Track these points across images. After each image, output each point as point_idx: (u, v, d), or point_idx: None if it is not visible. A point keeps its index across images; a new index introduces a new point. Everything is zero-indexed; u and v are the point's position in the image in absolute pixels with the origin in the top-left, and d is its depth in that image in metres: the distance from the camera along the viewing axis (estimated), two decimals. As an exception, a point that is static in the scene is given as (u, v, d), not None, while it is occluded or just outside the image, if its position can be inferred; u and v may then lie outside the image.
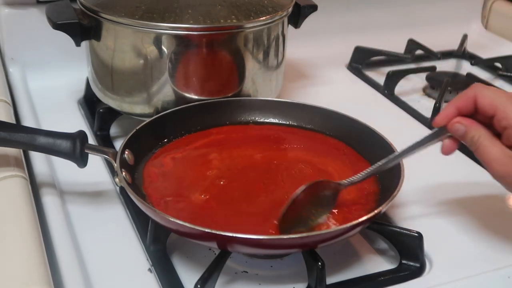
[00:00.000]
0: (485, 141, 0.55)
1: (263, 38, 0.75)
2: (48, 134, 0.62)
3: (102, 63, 0.76)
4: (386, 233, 0.61)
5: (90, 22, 0.74)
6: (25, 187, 0.61)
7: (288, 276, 0.58)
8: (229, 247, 0.54)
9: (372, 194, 0.61)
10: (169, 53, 0.71)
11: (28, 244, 0.52)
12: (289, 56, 0.85)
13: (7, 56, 0.91)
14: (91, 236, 0.62)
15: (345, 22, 1.11)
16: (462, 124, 0.57)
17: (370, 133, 0.68)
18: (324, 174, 0.65)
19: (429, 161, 0.70)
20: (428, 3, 1.17)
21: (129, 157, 0.63)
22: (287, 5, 0.78)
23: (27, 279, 0.48)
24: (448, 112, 0.58)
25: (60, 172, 0.70)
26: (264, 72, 0.77)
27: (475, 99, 0.56)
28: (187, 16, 0.72)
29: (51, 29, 0.74)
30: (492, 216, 0.67)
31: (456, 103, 0.58)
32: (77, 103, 0.88)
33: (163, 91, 0.73)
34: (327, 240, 0.54)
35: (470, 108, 0.57)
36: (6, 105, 0.76)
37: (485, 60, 1.07)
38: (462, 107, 0.57)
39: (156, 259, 0.58)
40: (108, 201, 0.68)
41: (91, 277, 0.56)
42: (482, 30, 1.22)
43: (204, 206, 0.60)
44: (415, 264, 0.59)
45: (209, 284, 0.53)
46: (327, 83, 0.98)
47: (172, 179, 0.64)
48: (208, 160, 0.67)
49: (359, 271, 0.59)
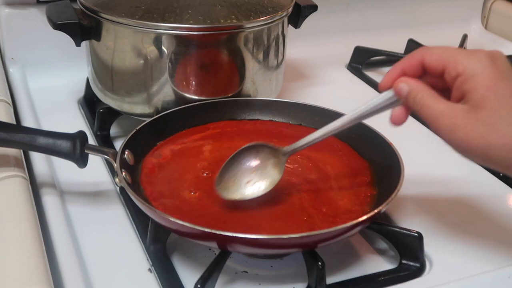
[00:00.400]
0: (430, 99, 0.52)
1: (263, 38, 0.75)
2: (48, 134, 0.62)
3: (102, 63, 0.76)
4: (386, 233, 0.61)
5: (90, 22, 0.74)
6: (25, 187, 0.61)
7: (288, 276, 0.58)
8: (229, 247, 0.54)
9: (369, 197, 0.61)
10: (169, 53, 0.71)
11: (28, 244, 0.52)
12: (289, 56, 0.85)
13: (7, 56, 0.91)
14: (91, 236, 0.62)
15: (345, 22, 1.11)
16: (406, 83, 0.54)
17: (370, 132, 0.68)
18: (318, 168, 0.65)
19: (429, 161, 0.70)
20: (428, 3, 1.17)
21: (129, 157, 0.63)
22: (287, 5, 0.78)
23: (27, 279, 0.48)
24: (393, 74, 0.55)
25: (60, 172, 0.71)
26: (264, 72, 0.78)
27: (422, 60, 0.53)
28: (187, 16, 0.72)
29: (51, 29, 0.74)
30: (492, 216, 0.67)
31: (401, 64, 0.55)
32: (77, 103, 0.88)
33: (163, 91, 0.73)
34: (327, 240, 0.54)
35: (416, 69, 0.54)
36: (6, 105, 0.76)
37: (485, 60, 1.06)
38: (407, 68, 0.54)
39: (156, 259, 0.59)
40: (108, 201, 0.68)
41: (91, 277, 0.56)
42: (482, 30, 1.22)
43: (196, 202, 0.60)
44: (415, 264, 0.59)
45: (209, 284, 0.53)
46: (327, 83, 0.98)
47: (166, 173, 0.64)
48: (201, 152, 0.68)
49: (359, 271, 0.59)
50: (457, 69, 0.51)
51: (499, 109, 0.49)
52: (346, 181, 0.64)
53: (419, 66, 0.54)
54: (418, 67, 0.54)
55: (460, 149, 0.51)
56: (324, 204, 0.60)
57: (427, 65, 0.53)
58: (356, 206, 0.60)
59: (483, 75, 0.50)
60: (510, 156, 0.49)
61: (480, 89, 0.49)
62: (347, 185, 0.63)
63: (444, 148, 0.53)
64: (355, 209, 0.60)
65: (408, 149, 0.65)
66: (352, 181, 0.64)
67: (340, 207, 0.60)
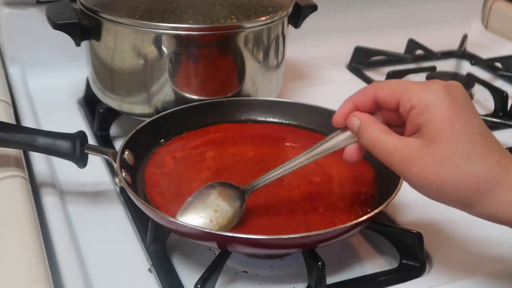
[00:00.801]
0: (381, 133, 0.50)
1: (263, 38, 0.75)
2: (48, 134, 0.62)
3: (102, 63, 0.76)
4: (386, 233, 0.61)
5: (90, 22, 0.74)
6: (25, 187, 0.61)
7: (288, 276, 0.58)
8: (229, 247, 0.54)
9: (370, 198, 0.61)
10: (169, 53, 0.71)
11: (28, 244, 0.52)
12: (289, 56, 0.85)
13: (7, 56, 0.91)
14: (91, 236, 0.62)
15: (345, 22, 1.11)
16: (357, 117, 0.52)
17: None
18: (323, 171, 0.65)
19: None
20: (428, 3, 1.17)
21: (129, 157, 0.63)
22: (287, 5, 0.78)
23: (27, 279, 0.48)
24: (345, 109, 0.53)
25: (60, 172, 0.71)
26: (264, 72, 0.78)
27: (375, 95, 0.51)
28: (187, 16, 0.72)
29: (51, 29, 0.74)
30: (492, 216, 0.67)
31: (353, 99, 0.53)
32: (77, 103, 0.88)
33: (163, 91, 0.73)
34: (327, 240, 0.54)
35: (369, 105, 0.52)
36: (6, 105, 0.76)
37: (485, 60, 1.07)
38: (360, 104, 0.52)
39: (156, 259, 0.59)
40: (108, 201, 0.68)
41: (91, 277, 0.56)
42: (482, 30, 1.22)
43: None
44: (415, 264, 0.59)
45: (209, 284, 0.53)
46: (327, 83, 0.98)
47: (171, 182, 0.64)
48: (204, 158, 0.67)
49: (359, 271, 0.59)
50: (411, 101, 0.49)
51: (456, 144, 0.47)
52: (348, 184, 0.63)
53: (371, 101, 0.52)
54: (371, 103, 0.52)
55: (415, 186, 0.49)
56: (325, 206, 0.60)
57: (380, 100, 0.51)
58: (357, 207, 0.60)
59: (438, 107, 0.47)
60: (468, 194, 0.47)
61: (435, 121, 0.47)
62: (349, 188, 0.63)
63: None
64: (356, 209, 0.59)
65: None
66: (354, 183, 0.63)
67: (341, 208, 0.60)
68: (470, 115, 0.48)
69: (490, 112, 0.90)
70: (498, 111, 0.89)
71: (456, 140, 0.47)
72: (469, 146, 0.47)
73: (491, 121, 0.84)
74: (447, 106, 0.47)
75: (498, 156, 0.47)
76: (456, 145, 0.47)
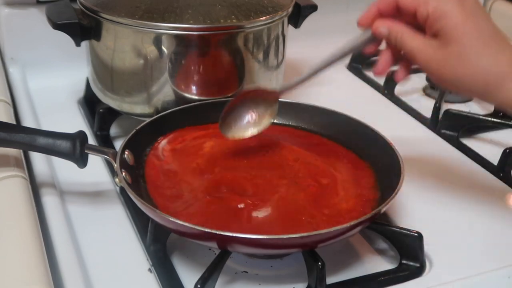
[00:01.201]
0: (407, 36, 0.57)
1: (263, 38, 0.75)
2: (48, 134, 0.62)
3: (102, 63, 0.76)
4: (386, 233, 0.61)
5: (90, 22, 0.74)
6: (25, 187, 0.61)
7: (288, 276, 0.58)
8: (229, 247, 0.54)
9: (371, 201, 0.61)
10: (169, 53, 0.71)
11: (28, 244, 0.52)
12: (289, 56, 0.85)
13: (7, 56, 0.91)
14: (91, 236, 0.62)
15: (345, 22, 1.10)
16: (384, 25, 0.59)
17: (370, 133, 0.68)
18: (330, 173, 0.65)
19: (429, 161, 0.70)
20: (428, 3, 1.17)
21: (129, 157, 0.63)
22: (287, 5, 0.78)
23: (27, 279, 0.48)
24: (370, 13, 0.60)
25: (60, 172, 0.70)
26: (264, 72, 0.77)
27: (396, 1, 0.58)
28: (187, 16, 0.72)
29: (51, 29, 0.74)
30: (492, 216, 0.67)
31: (377, 4, 0.60)
32: (77, 103, 0.88)
33: (163, 91, 0.73)
34: (327, 240, 0.54)
35: (391, 9, 0.59)
36: (6, 105, 0.76)
37: (485, 60, 1.06)
38: (383, 8, 0.59)
39: (156, 259, 0.59)
40: (108, 201, 0.68)
41: (91, 277, 0.56)
42: (482, 30, 1.22)
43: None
44: (415, 264, 0.59)
45: (209, 284, 0.53)
46: (327, 83, 0.98)
47: (171, 179, 0.64)
48: (202, 153, 0.67)
49: (359, 271, 0.59)
50: (427, 9, 0.55)
51: (468, 44, 0.54)
52: (351, 186, 0.63)
53: (393, 7, 0.58)
54: (393, 8, 0.58)
55: (436, 80, 0.57)
56: (327, 206, 0.60)
57: (401, 6, 0.58)
58: (358, 207, 0.60)
59: (451, 14, 0.54)
60: (480, 85, 0.55)
61: (449, 26, 0.54)
62: (352, 190, 0.63)
63: (444, 148, 0.53)
64: (356, 210, 0.59)
65: (408, 149, 0.65)
66: (357, 185, 0.63)
67: (342, 209, 0.60)
68: (480, 19, 0.55)
69: (490, 112, 0.90)
70: (498, 111, 0.89)
71: (468, 41, 0.54)
72: (479, 46, 0.54)
73: (491, 121, 0.84)
74: (459, 13, 0.54)
75: (507, 54, 0.55)
76: (468, 45, 0.54)
